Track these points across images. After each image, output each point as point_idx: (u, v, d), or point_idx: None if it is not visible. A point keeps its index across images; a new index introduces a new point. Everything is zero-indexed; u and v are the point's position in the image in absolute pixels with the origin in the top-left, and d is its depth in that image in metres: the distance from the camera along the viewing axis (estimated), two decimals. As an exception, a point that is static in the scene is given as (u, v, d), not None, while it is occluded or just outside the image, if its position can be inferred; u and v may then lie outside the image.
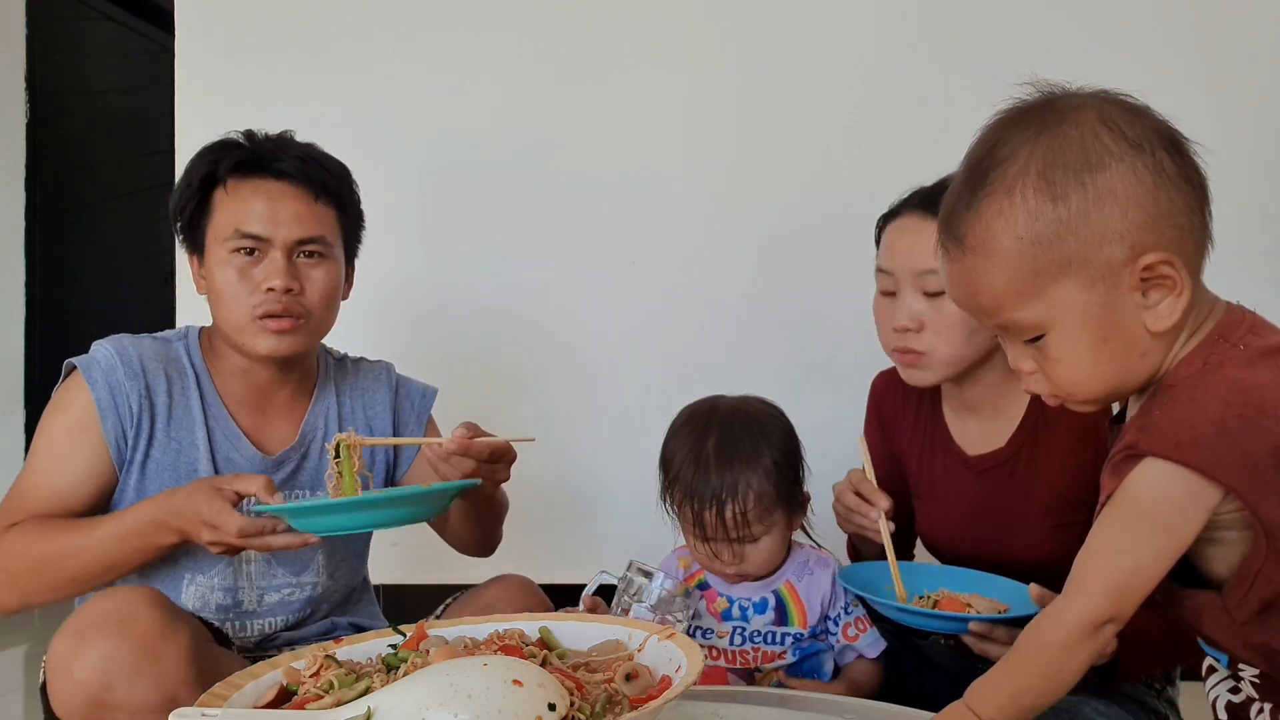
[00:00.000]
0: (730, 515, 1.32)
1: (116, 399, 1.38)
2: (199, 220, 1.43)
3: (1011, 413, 1.43)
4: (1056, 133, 0.89)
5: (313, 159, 1.45)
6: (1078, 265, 0.88)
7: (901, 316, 1.37)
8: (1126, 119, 0.89)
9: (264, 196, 1.40)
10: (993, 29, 2.31)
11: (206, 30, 2.49)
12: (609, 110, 2.43)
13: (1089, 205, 0.87)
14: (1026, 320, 0.91)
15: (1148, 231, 0.87)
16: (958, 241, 0.93)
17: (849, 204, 2.30)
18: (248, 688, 0.93)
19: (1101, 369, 0.91)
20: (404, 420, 1.61)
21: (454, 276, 2.47)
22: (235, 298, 1.40)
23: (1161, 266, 0.87)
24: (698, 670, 0.90)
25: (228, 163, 1.41)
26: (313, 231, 1.42)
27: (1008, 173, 0.89)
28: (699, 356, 2.37)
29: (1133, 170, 0.87)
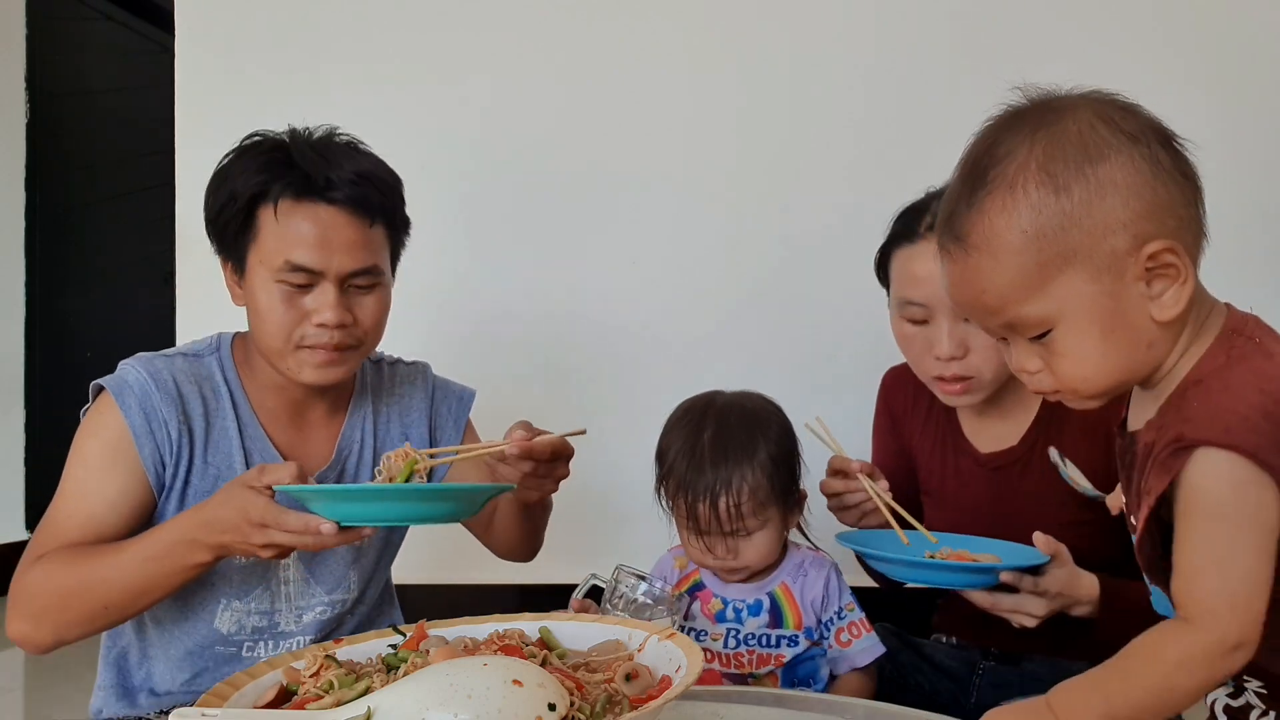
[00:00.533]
0: (724, 508, 1.32)
1: (153, 425, 1.32)
2: (241, 237, 1.34)
3: (1025, 410, 1.44)
4: (1054, 129, 0.89)
5: (366, 178, 1.34)
6: (1083, 256, 0.88)
7: (944, 346, 1.36)
8: (1121, 114, 0.90)
9: (317, 225, 1.30)
10: (994, 29, 2.31)
11: (206, 30, 2.49)
12: (611, 110, 2.44)
13: (1091, 196, 0.87)
14: (1033, 316, 0.90)
15: (1149, 221, 0.87)
16: (960, 241, 0.93)
17: (852, 204, 2.31)
18: (248, 688, 0.93)
19: (1109, 362, 0.91)
20: (441, 425, 1.56)
21: (454, 278, 2.47)
22: (280, 325, 1.32)
23: (1165, 255, 0.87)
24: (697, 670, 0.90)
25: (279, 187, 1.31)
26: (366, 262, 1.34)
27: (1008, 170, 0.89)
28: (702, 356, 2.38)
29: (1131, 161, 0.87)
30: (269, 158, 1.32)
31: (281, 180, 1.31)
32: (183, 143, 2.45)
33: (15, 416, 3.67)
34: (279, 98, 2.42)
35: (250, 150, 1.35)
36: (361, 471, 1.46)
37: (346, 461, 1.46)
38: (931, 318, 1.37)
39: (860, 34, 2.36)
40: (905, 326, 1.41)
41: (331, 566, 1.43)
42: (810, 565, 1.40)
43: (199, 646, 1.38)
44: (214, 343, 1.43)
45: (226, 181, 1.33)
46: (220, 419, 1.37)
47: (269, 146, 1.34)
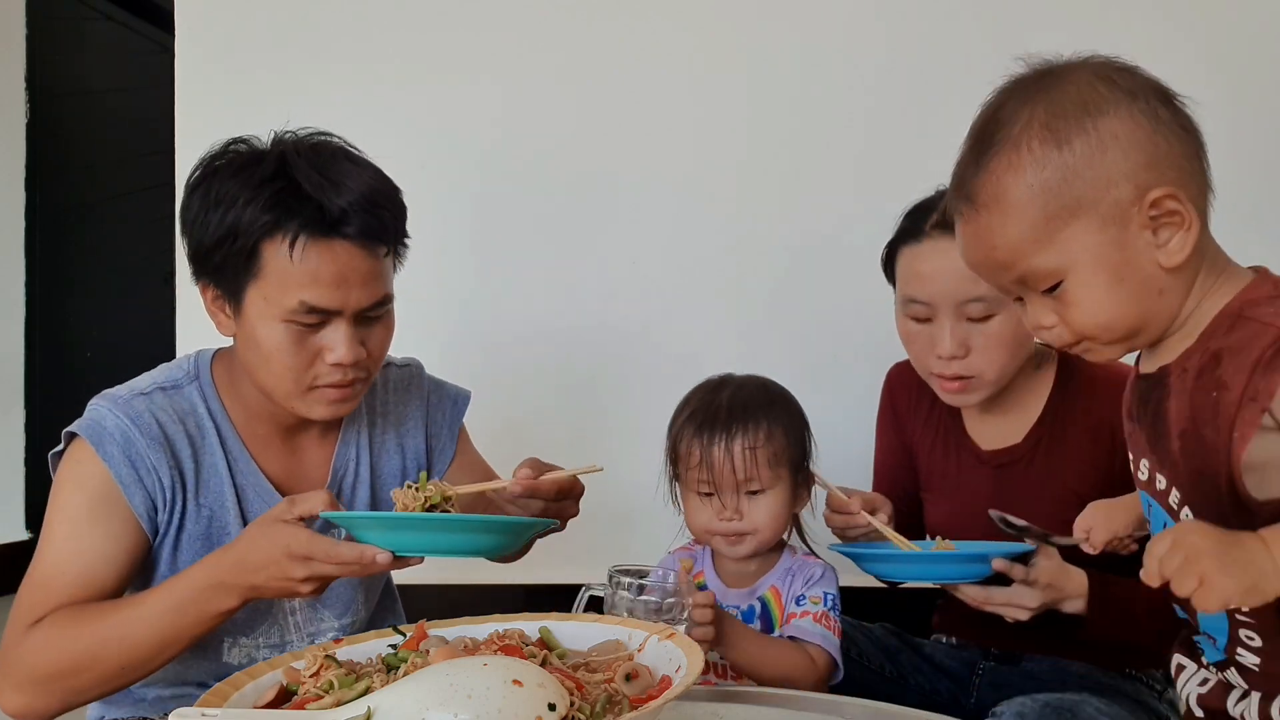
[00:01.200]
0: (740, 450, 1.32)
1: (141, 473, 1.24)
2: (241, 274, 1.23)
3: (1029, 409, 1.44)
4: (1054, 90, 0.94)
5: (377, 203, 1.24)
6: (1088, 207, 0.91)
7: (946, 345, 1.37)
8: (1119, 74, 0.94)
9: (334, 263, 1.21)
10: (1000, 29, 2.30)
11: (206, 30, 2.49)
12: (613, 112, 2.43)
13: (1093, 149, 0.91)
14: (1043, 267, 0.94)
15: (1151, 171, 0.91)
16: (970, 202, 0.97)
17: (857, 206, 2.31)
18: (248, 688, 0.93)
19: (1121, 308, 0.93)
20: (436, 433, 1.50)
21: (453, 279, 2.47)
22: (290, 368, 1.24)
23: (1168, 201, 0.90)
24: (698, 670, 0.90)
25: (296, 225, 1.20)
26: (380, 294, 1.27)
27: (1013, 130, 0.94)
28: (703, 358, 2.36)
29: (1130, 115, 0.91)
30: (275, 191, 1.21)
31: (297, 218, 1.20)
32: (183, 143, 2.44)
33: (15, 416, 3.67)
34: (279, 98, 2.42)
35: (245, 174, 1.22)
36: (358, 490, 1.41)
37: (343, 482, 1.40)
38: (934, 316, 1.38)
39: (866, 35, 2.36)
40: (909, 324, 1.42)
41: (339, 591, 1.38)
42: (799, 569, 1.39)
43: (210, 679, 1.32)
44: (191, 369, 1.34)
45: (220, 210, 1.22)
46: (208, 455, 1.30)
47: (270, 174, 1.22)
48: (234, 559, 1.15)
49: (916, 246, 1.39)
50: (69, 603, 1.20)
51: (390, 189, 1.29)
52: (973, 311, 1.34)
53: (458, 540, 1.14)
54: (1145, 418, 1.01)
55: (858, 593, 1.43)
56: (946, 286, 1.35)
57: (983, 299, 1.33)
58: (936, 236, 1.35)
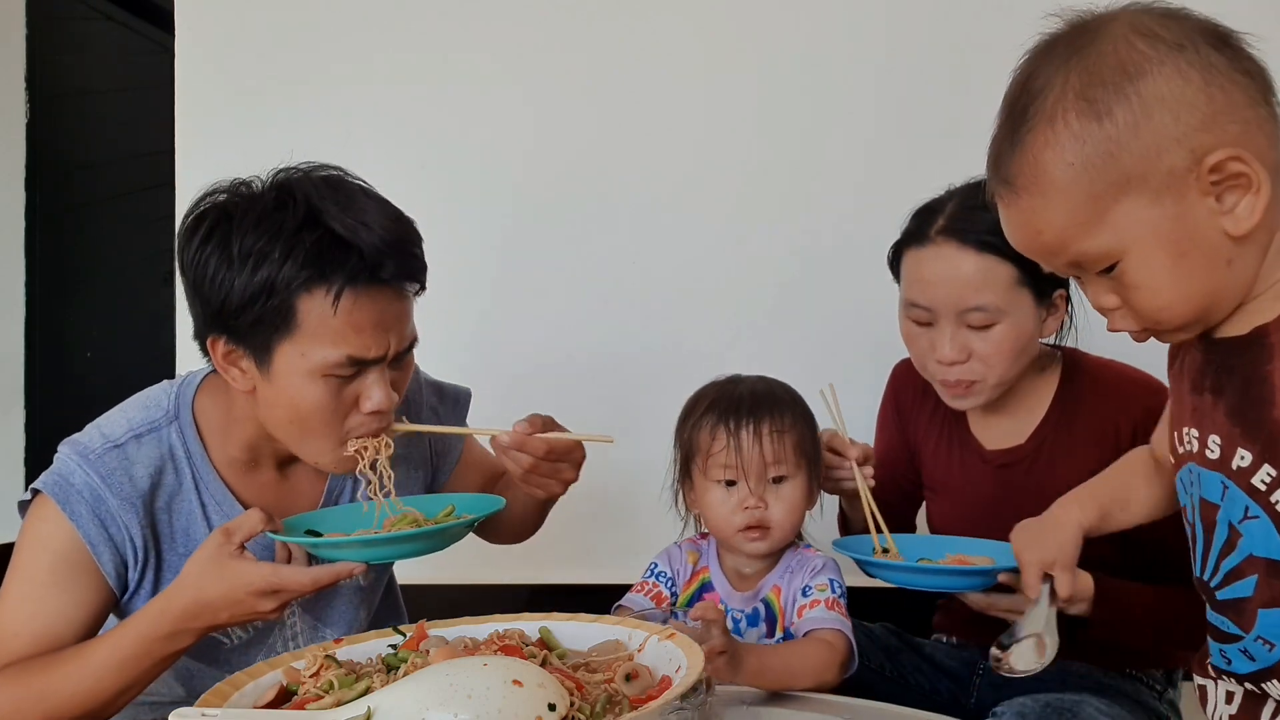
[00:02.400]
0: (769, 432, 1.31)
1: (111, 531, 1.21)
2: (274, 328, 1.15)
3: (1034, 409, 1.44)
4: (1088, 52, 0.85)
5: (404, 245, 1.20)
6: (1138, 181, 0.83)
7: (946, 351, 1.37)
8: (1161, 23, 0.84)
9: (374, 310, 1.16)
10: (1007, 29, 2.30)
11: (206, 30, 2.49)
12: (616, 115, 2.42)
13: (1137, 116, 0.82)
14: (1096, 250, 0.86)
15: (1207, 131, 0.81)
16: (1009, 184, 0.89)
17: (862, 210, 2.30)
18: (248, 688, 0.93)
19: (1187, 287, 0.85)
20: (441, 435, 1.47)
21: (454, 281, 2.46)
22: (327, 424, 1.18)
23: (1230, 164, 0.82)
24: (698, 670, 0.90)
25: (341, 279, 1.14)
26: (412, 335, 1.24)
27: (1046, 102, 0.85)
28: (706, 360, 2.36)
29: (1177, 71, 0.82)
30: (314, 241, 1.14)
31: (341, 269, 1.13)
32: (183, 143, 2.44)
33: (15, 416, 3.67)
34: (279, 98, 2.42)
35: (270, 223, 1.14)
36: (355, 502, 1.37)
37: (339, 499, 1.37)
38: (935, 321, 1.38)
39: (873, 38, 2.35)
40: (911, 326, 1.42)
41: (341, 610, 1.37)
42: (799, 565, 1.38)
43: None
44: (171, 407, 1.27)
45: (249, 267, 1.13)
46: (184, 502, 1.26)
47: (301, 223, 1.14)
48: (187, 603, 1.13)
49: (920, 250, 1.39)
50: (22, 659, 1.18)
51: (409, 223, 1.24)
52: (974, 320, 1.35)
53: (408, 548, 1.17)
54: (1229, 386, 0.90)
55: (858, 592, 1.43)
56: (948, 294, 1.35)
57: (984, 308, 1.33)
58: (940, 242, 1.35)
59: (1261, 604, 0.90)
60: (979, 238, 1.31)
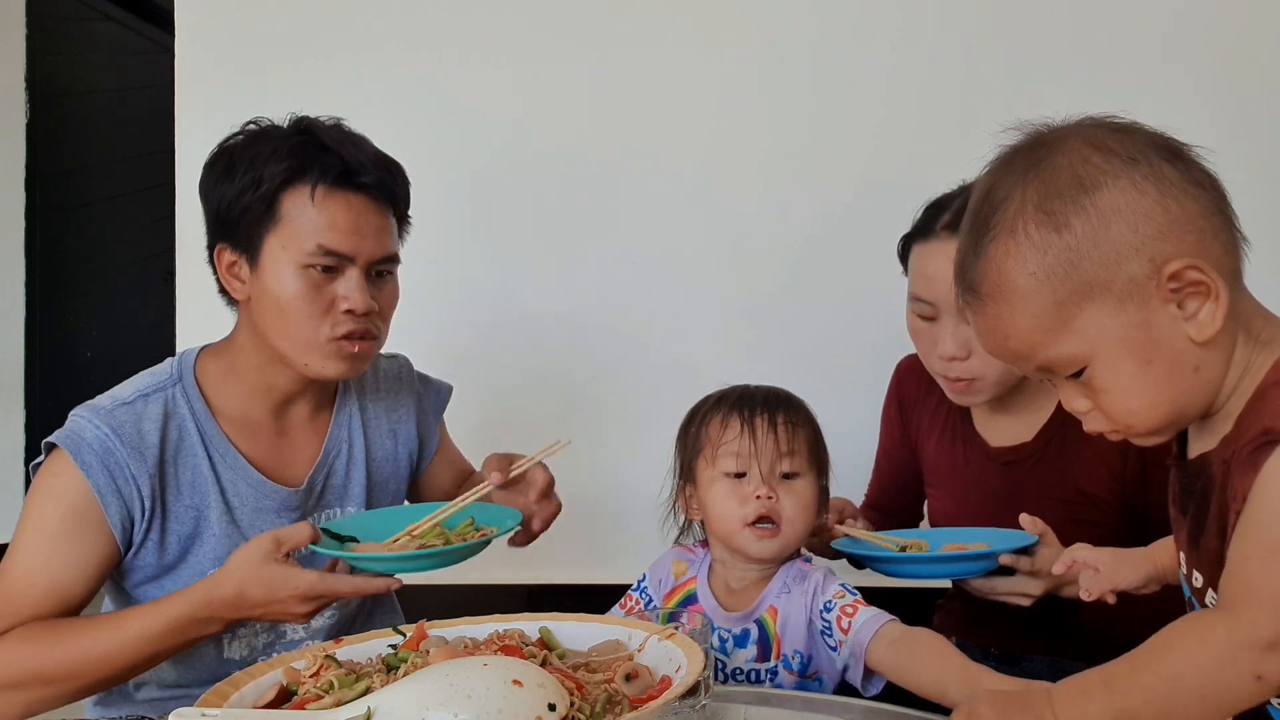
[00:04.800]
0: (783, 421, 1.28)
1: (120, 483, 1.25)
2: (260, 225, 1.29)
3: (1041, 408, 1.44)
4: (1045, 165, 0.87)
5: (388, 168, 1.36)
6: (1100, 289, 0.85)
7: (948, 346, 1.37)
8: (1115, 138, 0.87)
9: (350, 211, 1.30)
10: (1014, 27, 2.30)
11: (206, 30, 2.49)
12: (628, 104, 2.42)
13: (1095, 227, 0.85)
14: (1063, 356, 0.88)
15: (1164, 240, 0.84)
16: (975, 292, 0.91)
17: (862, 207, 2.31)
18: (248, 688, 0.93)
19: (1156, 393, 0.87)
20: (425, 421, 1.55)
21: (451, 276, 2.47)
22: (309, 317, 1.29)
23: (1188, 273, 0.84)
24: (698, 670, 0.90)
25: (317, 171, 1.29)
26: (390, 250, 1.35)
27: (1007, 214, 0.88)
28: (703, 358, 2.37)
29: (1132, 183, 0.85)
30: (298, 142, 1.31)
31: (318, 165, 1.29)
32: (183, 143, 2.44)
33: (15, 416, 3.67)
34: (279, 98, 2.40)
35: (266, 136, 1.33)
36: (353, 472, 1.44)
37: (335, 463, 1.43)
38: (938, 316, 1.38)
39: (881, 32, 2.35)
40: (916, 321, 1.43)
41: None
42: (795, 581, 1.30)
43: (212, 675, 1.31)
44: (175, 372, 1.36)
45: (242, 167, 1.30)
46: (189, 456, 1.32)
47: (290, 131, 1.33)
48: (230, 596, 1.19)
49: (925, 245, 1.39)
50: (34, 615, 1.22)
51: (399, 166, 1.39)
52: None
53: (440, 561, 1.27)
54: (1189, 508, 0.93)
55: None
56: (950, 289, 1.34)
57: None
58: (944, 238, 1.35)
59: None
60: None
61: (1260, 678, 0.77)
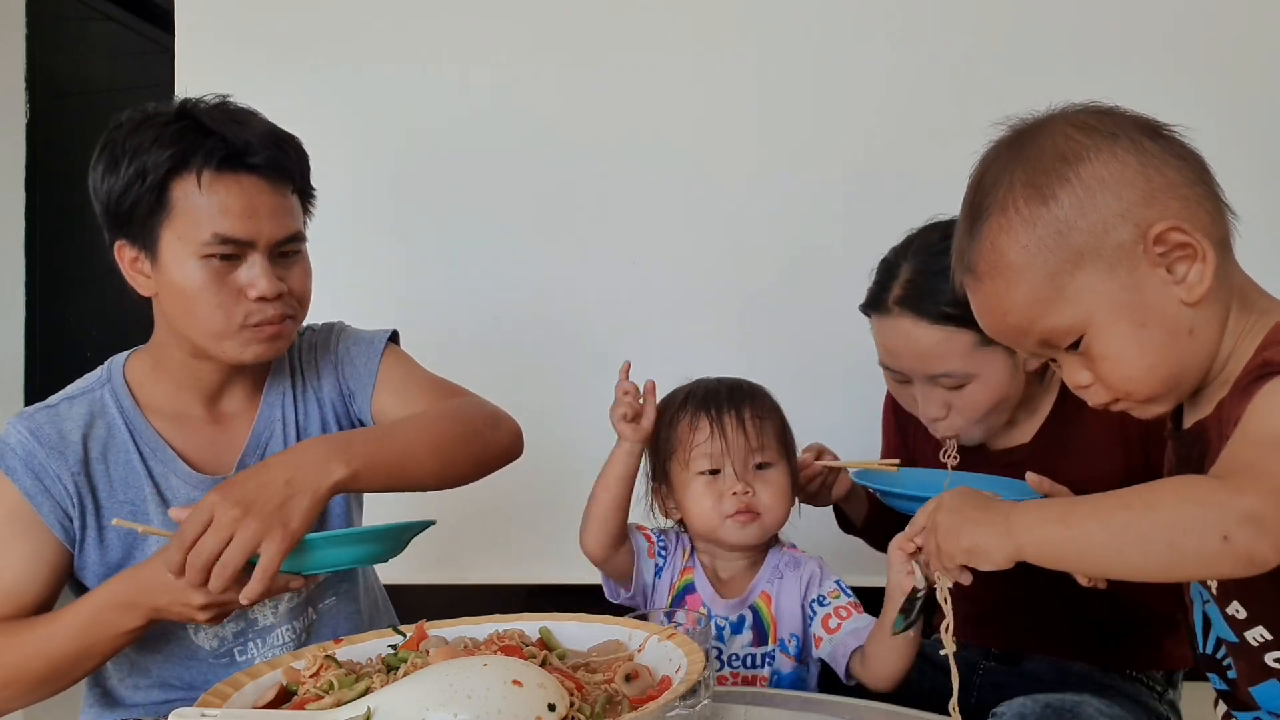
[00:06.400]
0: (750, 417, 1.31)
1: (46, 482, 1.26)
2: (152, 217, 1.27)
3: (1038, 410, 1.45)
4: (1031, 148, 0.92)
5: (279, 143, 1.30)
6: (1090, 256, 0.88)
7: (929, 410, 1.38)
8: (1095, 117, 0.92)
9: (241, 195, 1.25)
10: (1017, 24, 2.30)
11: (206, 31, 2.49)
12: (611, 101, 2.42)
13: (1080, 197, 0.88)
14: (1060, 326, 0.91)
15: (1148, 207, 0.87)
16: (972, 273, 0.95)
17: (860, 207, 2.31)
18: (248, 688, 0.93)
19: (1151, 357, 0.89)
20: (352, 374, 1.46)
21: (446, 274, 2.47)
22: (217, 306, 1.26)
23: (1172, 234, 0.87)
24: (698, 670, 0.90)
25: (200, 157, 1.24)
26: (292, 229, 1.30)
27: (997, 195, 0.92)
28: (701, 357, 2.36)
29: (1114, 156, 0.88)
30: (178, 128, 1.26)
31: (201, 150, 1.24)
32: (183, 143, 2.45)
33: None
34: (279, 98, 2.40)
35: (148, 124, 1.28)
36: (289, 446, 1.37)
37: (269, 444, 1.39)
38: (910, 381, 1.39)
39: (879, 31, 2.35)
40: (891, 380, 1.45)
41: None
42: (788, 567, 1.35)
43: (184, 666, 1.34)
44: (104, 374, 1.38)
45: (126, 158, 1.27)
46: (119, 453, 1.32)
47: (170, 117, 1.28)
48: (137, 581, 1.19)
49: (882, 321, 1.39)
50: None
51: (293, 139, 1.34)
52: (945, 383, 1.36)
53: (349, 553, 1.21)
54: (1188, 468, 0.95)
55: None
56: (913, 363, 1.36)
57: (950, 374, 1.34)
58: (898, 314, 1.36)
59: (1249, 684, 0.94)
60: (935, 310, 1.32)
61: (1227, 539, 0.74)
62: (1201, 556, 0.75)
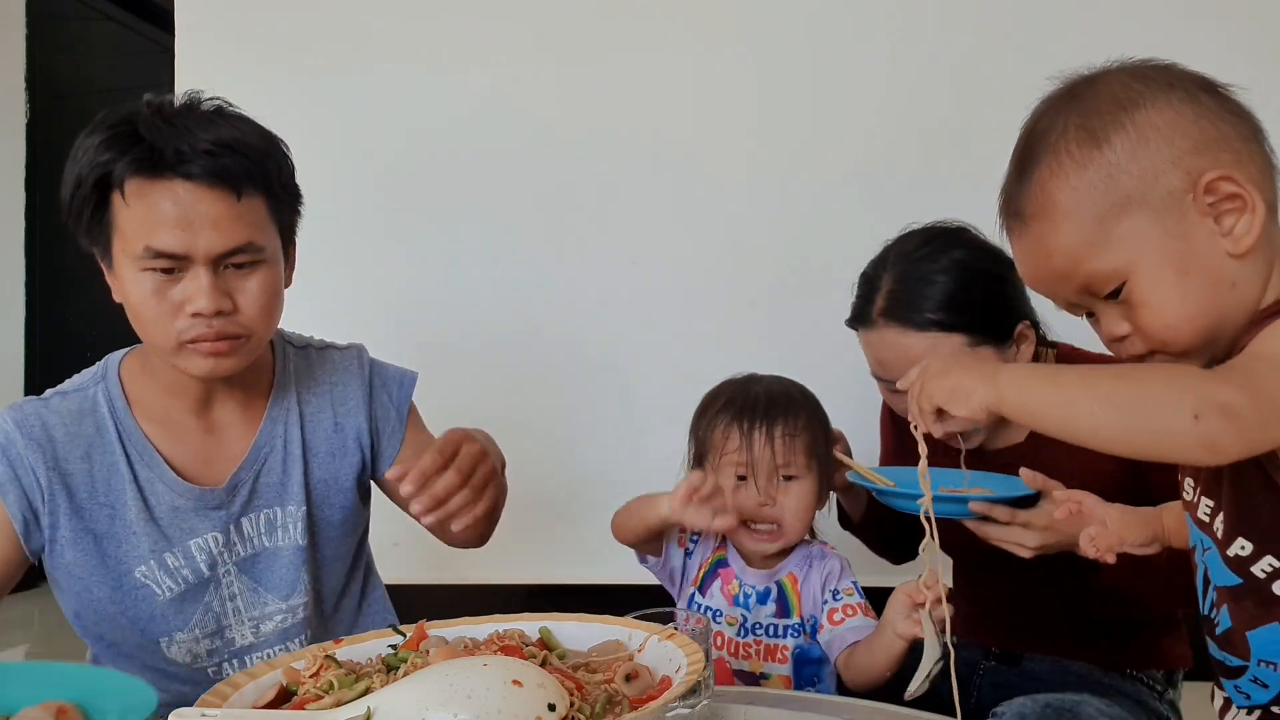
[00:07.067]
0: (780, 435, 1.34)
1: (19, 472, 1.24)
2: (98, 225, 1.22)
3: None
4: (1086, 95, 0.92)
5: (226, 146, 1.20)
6: (1138, 201, 0.88)
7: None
8: (1153, 70, 0.92)
9: (174, 203, 1.17)
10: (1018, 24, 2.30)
11: (206, 30, 2.49)
12: (611, 101, 2.43)
13: (1133, 142, 0.88)
14: (1104, 270, 0.90)
15: (1200, 156, 0.87)
16: (1019, 217, 0.94)
17: (858, 205, 2.31)
18: (248, 688, 0.93)
19: (1192, 306, 0.88)
20: (383, 415, 1.43)
21: (443, 274, 2.47)
22: (156, 321, 1.21)
23: (1223, 184, 0.86)
24: (698, 670, 0.90)
25: (123, 165, 1.18)
26: (238, 240, 1.20)
27: (1049, 139, 0.92)
28: (700, 356, 2.37)
29: (1169, 104, 0.88)
30: (113, 133, 1.19)
31: (126, 157, 1.18)
32: (183, 143, 2.45)
33: (15, 416, 3.67)
34: (279, 98, 2.41)
35: (97, 128, 1.22)
36: (290, 468, 1.35)
37: (268, 461, 1.35)
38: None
39: (878, 30, 2.35)
40: (884, 389, 1.45)
41: (281, 573, 1.35)
42: (816, 558, 1.40)
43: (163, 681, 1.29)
44: (99, 371, 1.34)
45: (72, 165, 1.21)
46: (105, 454, 1.28)
47: (114, 121, 1.21)
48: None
49: (868, 333, 1.40)
50: None
51: (254, 135, 1.26)
52: None
53: None
54: None
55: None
56: (902, 371, 1.35)
57: None
58: (883, 326, 1.36)
59: (1245, 628, 0.93)
60: (920, 318, 1.33)
61: (1197, 418, 0.76)
62: (1170, 433, 0.78)
